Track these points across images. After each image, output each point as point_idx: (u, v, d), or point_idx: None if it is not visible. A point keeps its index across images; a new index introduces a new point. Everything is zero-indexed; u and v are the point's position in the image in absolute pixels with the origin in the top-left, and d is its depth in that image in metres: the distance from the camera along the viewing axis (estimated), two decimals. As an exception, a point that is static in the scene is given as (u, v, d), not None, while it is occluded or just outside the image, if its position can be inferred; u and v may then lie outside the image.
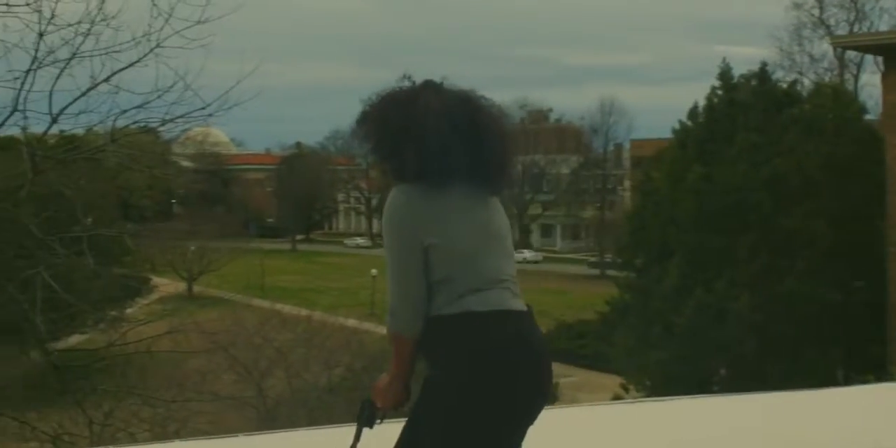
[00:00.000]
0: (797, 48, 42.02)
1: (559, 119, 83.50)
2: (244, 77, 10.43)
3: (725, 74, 22.62)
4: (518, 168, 3.48)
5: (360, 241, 75.99)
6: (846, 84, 37.84)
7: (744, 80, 22.77)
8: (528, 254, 69.72)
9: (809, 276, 20.26)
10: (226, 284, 47.12)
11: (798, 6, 42.23)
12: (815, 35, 41.98)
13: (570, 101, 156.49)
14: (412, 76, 3.01)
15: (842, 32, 39.81)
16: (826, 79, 39.51)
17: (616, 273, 31.06)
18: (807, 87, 28.04)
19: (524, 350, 2.85)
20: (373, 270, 44.42)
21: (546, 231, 77.82)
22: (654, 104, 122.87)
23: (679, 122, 22.99)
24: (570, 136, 79.72)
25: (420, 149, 2.82)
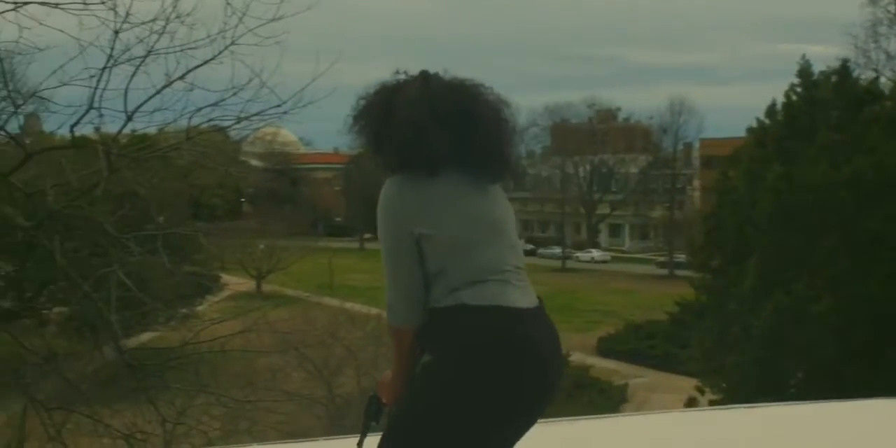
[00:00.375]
0: (873, 45, 41.13)
1: (627, 118, 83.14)
2: (319, 75, 10.32)
3: (805, 71, 22.09)
4: (519, 156, 3.27)
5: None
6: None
7: (824, 78, 22.25)
8: (597, 253, 69.43)
9: (892, 279, 19.72)
10: (294, 283, 47.45)
11: (874, 2, 41.32)
12: (892, 32, 41.06)
13: (639, 101, 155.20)
14: (407, 71, 2.92)
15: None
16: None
17: (686, 273, 30.65)
18: (886, 85, 27.29)
19: (521, 347, 2.71)
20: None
21: (614, 231, 77.35)
22: (722, 103, 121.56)
23: (756, 120, 22.54)
24: (639, 136, 79.44)
25: (399, 138, 2.75)
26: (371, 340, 22.62)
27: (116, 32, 9.46)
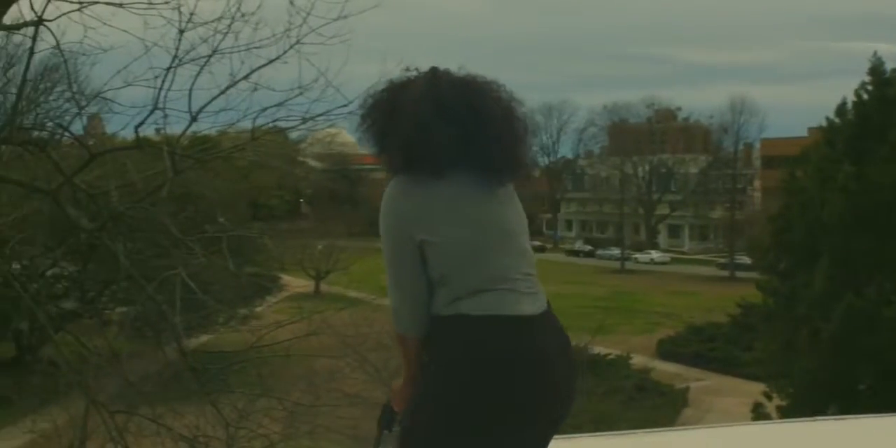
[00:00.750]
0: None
1: (687, 118, 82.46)
2: (385, 75, 10.13)
3: (877, 69, 21.54)
4: (533, 156, 3.00)
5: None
6: None
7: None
8: (656, 255, 68.85)
9: (967, 283, 19.22)
10: (353, 283, 47.43)
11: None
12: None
13: (695, 100, 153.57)
14: (418, 67, 2.78)
15: None
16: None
17: (749, 275, 30.20)
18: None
19: (522, 360, 2.60)
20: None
21: (674, 231, 76.66)
22: (781, 102, 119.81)
23: (826, 119, 22.04)
24: (698, 136, 78.81)
25: (402, 135, 2.63)
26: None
27: (181, 32, 9.38)
